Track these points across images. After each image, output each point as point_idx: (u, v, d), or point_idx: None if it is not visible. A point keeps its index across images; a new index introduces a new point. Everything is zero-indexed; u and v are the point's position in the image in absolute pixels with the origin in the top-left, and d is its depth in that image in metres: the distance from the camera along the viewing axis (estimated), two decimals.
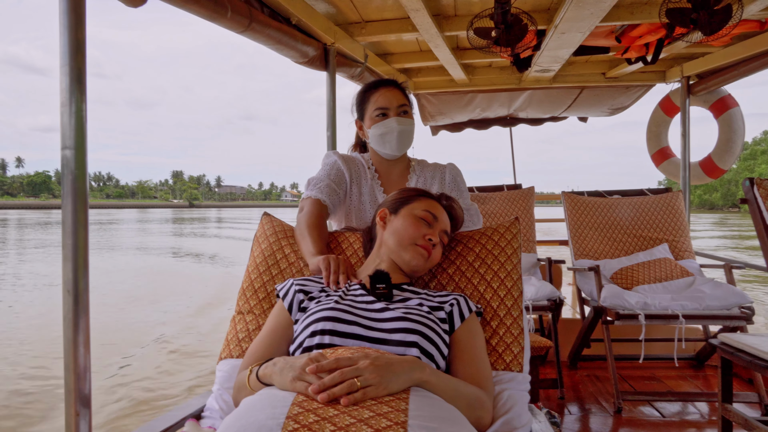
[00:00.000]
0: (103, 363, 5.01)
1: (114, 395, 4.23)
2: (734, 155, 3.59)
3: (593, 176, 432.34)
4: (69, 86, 1.02)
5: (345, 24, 2.70)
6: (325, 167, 1.58)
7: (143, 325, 6.72)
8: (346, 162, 1.59)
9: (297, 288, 1.13)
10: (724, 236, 23.60)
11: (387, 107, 1.52)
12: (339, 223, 1.63)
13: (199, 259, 14.76)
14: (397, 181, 1.60)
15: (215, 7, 1.68)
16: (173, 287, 9.95)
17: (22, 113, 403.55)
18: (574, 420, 2.39)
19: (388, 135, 1.52)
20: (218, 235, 24.99)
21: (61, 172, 1.04)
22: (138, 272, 11.85)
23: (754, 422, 1.73)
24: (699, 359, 3.08)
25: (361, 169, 1.61)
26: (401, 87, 1.58)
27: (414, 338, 0.95)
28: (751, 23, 2.52)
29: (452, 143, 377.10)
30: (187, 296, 8.79)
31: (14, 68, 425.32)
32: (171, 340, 5.90)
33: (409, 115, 1.55)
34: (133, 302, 8.31)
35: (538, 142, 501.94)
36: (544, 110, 4.11)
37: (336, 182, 1.53)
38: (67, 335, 1.01)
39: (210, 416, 1.12)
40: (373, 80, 1.60)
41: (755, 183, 2.15)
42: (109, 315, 7.17)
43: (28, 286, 9.89)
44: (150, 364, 5.03)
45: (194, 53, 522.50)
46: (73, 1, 1.02)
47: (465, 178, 1.64)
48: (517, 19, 2.19)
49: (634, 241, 3.22)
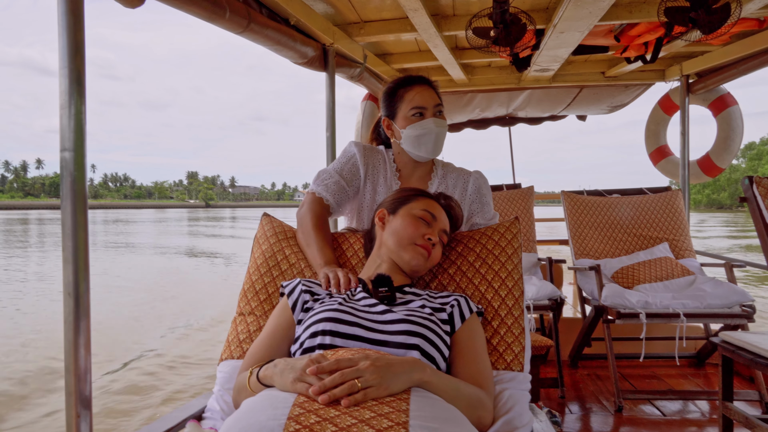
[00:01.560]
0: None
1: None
2: (733, 153, 3.59)
3: (603, 175, 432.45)
4: (68, 88, 1.02)
5: (344, 24, 2.70)
6: (341, 160, 1.51)
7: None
8: (365, 156, 1.50)
9: (304, 288, 1.13)
10: (733, 236, 23.47)
11: (425, 107, 1.43)
12: (350, 218, 1.57)
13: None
14: (418, 182, 1.52)
15: (213, 8, 1.68)
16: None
17: (37, 115, 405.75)
18: (575, 419, 2.39)
19: (426, 137, 1.42)
20: (244, 236, 25.13)
21: (61, 174, 1.04)
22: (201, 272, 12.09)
23: (755, 420, 1.73)
24: (700, 358, 3.08)
25: (380, 165, 1.52)
26: (435, 86, 1.49)
27: (415, 341, 0.95)
28: (749, 21, 2.52)
29: (451, 143, 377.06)
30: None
31: (29, 71, 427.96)
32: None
33: (443, 116, 1.47)
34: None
35: (549, 140, 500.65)
36: (543, 109, 4.12)
37: (347, 179, 1.46)
38: (68, 337, 1.01)
39: (211, 417, 1.12)
40: (405, 76, 1.48)
41: (754, 181, 2.15)
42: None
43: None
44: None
45: (206, 54, 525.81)
46: (71, 4, 1.02)
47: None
48: (516, 19, 2.19)
49: (634, 241, 3.23)
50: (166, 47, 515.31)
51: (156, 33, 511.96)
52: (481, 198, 1.51)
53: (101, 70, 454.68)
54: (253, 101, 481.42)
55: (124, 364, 5.03)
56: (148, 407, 3.99)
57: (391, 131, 1.50)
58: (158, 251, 16.72)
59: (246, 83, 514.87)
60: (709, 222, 37.50)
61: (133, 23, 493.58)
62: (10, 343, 5.84)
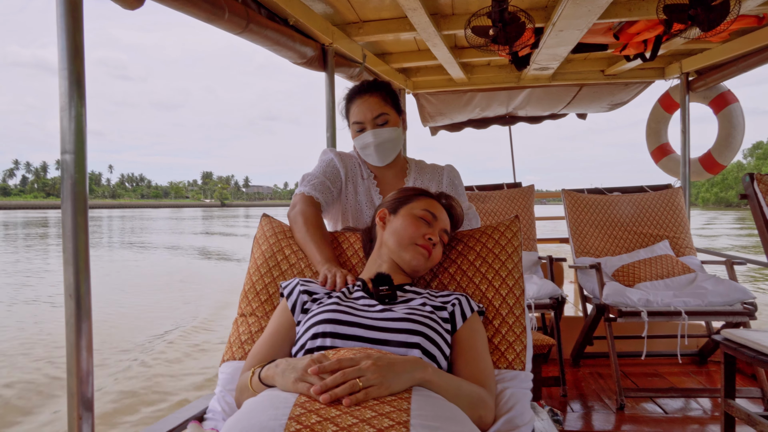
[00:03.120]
0: None
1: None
2: (734, 151, 3.58)
3: (612, 173, 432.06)
4: (68, 90, 1.02)
5: (342, 24, 2.70)
6: (321, 164, 1.56)
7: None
8: (342, 160, 1.58)
9: (302, 289, 1.13)
10: (744, 235, 23.36)
11: (362, 121, 1.50)
12: (334, 222, 1.62)
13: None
14: (393, 182, 1.59)
15: (212, 9, 1.67)
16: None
17: (51, 116, 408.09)
18: (576, 417, 2.39)
19: (368, 149, 1.51)
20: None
21: (61, 176, 1.04)
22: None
23: (757, 418, 1.73)
24: (702, 355, 3.08)
25: (357, 169, 1.59)
26: (382, 90, 1.52)
27: (416, 339, 0.95)
28: (749, 18, 2.51)
29: (451, 142, 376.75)
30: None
31: (42, 71, 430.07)
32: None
33: (390, 123, 1.50)
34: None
35: (561, 139, 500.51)
36: (543, 108, 4.11)
37: (331, 180, 1.52)
38: (70, 339, 1.02)
39: (213, 418, 1.12)
40: (352, 87, 1.55)
41: (755, 178, 2.15)
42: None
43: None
44: None
45: (216, 54, 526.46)
46: (70, 6, 1.02)
47: (465, 178, 1.64)
48: (515, 17, 2.19)
49: (634, 238, 3.22)
50: (177, 48, 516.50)
51: (167, 33, 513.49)
52: (456, 189, 1.59)
53: (114, 70, 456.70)
54: (264, 101, 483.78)
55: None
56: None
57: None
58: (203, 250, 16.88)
59: (256, 83, 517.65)
60: (721, 219, 37.67)
61: (145, 24, 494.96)
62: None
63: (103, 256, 14.42)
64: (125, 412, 3.79)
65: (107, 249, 16.91)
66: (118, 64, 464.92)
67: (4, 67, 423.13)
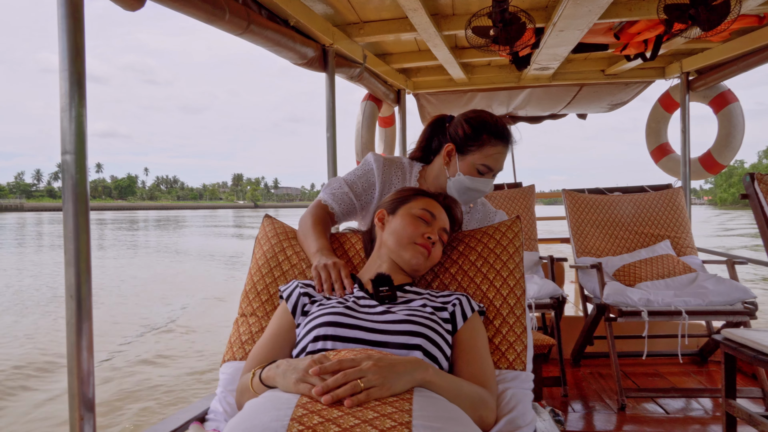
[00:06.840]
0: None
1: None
2: (734, 150, 3.58)
3: (624, 171, 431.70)
4: (69, 91, 1.02)
5: (343, 25, 2.70)
6: (356, 172, 1.49)
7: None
8: (384, 171, 1.47)
9: (301, 291, 1.13)
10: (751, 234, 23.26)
11: (494, 169, 1.40)
12: (365, 224, 1.55)
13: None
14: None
15: (213, 10, 1.68)
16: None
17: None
18: (577, 418, 2.39)
19: (473, 193, 1.42)
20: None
21: (62, 177, 1.04)
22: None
23: (758, 417, 1.73)
24: (702, 355, 3.08)
25: (397, 180, 1.49)
26: (510, 143, 1.43)
27: (417, 341, 0.95)
28: (749, 18, 2.51)
29: None
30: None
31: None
32: None
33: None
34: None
35: (584, 138, 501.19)
36: (544, 108, 4.12)
37: (357, 193, 1.45)
38: (71, 340, 1.02)
39: (214, 419, 1.12)
40: (499, 125, 1.39)
41: (756, 178, 2.15)
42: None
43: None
44: None
45: (240, 57, 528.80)
46: (71, 7, 1.02)
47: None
48: (515, 17, 2.19)
49: (635, 238, 3.22)
50: (202, 51, 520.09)
51: (191, 37, 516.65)
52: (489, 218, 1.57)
53: (142, 75, 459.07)
54: (288, 103, 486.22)
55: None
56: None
57: (449, 160, 1.44)
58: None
59: (281, 85, 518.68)
60: (741, 219, 37.86)
61: (172, 29, 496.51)
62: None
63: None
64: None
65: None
66: (146, 68, 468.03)
67: (36, 73, 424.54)
